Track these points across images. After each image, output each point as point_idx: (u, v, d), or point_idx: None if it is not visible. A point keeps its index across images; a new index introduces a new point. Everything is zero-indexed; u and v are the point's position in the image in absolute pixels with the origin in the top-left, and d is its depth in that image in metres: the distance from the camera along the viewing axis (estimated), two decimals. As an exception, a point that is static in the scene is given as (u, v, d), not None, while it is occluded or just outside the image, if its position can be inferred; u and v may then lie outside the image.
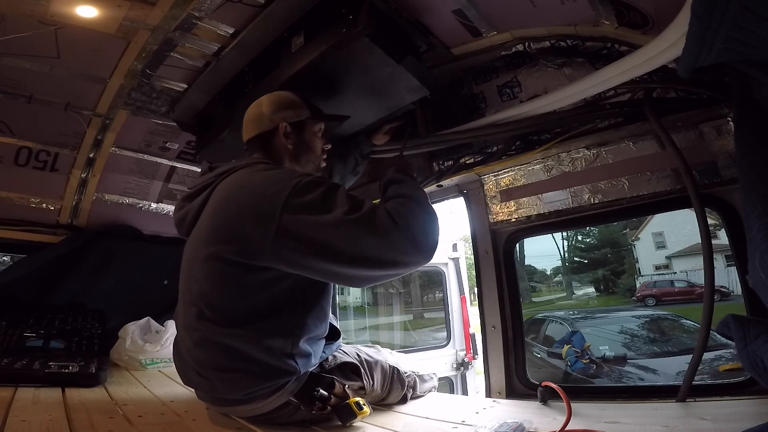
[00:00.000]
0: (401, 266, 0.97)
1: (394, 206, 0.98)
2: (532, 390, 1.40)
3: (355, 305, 5.28)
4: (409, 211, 0.98)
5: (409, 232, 0.94)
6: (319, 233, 0.93)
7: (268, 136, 1.21)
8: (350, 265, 0.94)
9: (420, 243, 0.95)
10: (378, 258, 0.93)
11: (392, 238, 0.93)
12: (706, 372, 1.99)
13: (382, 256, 0.93)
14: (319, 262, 0.95)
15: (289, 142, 1.21)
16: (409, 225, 0.94)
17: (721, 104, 1.22)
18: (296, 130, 1.23)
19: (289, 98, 1.25)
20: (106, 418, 1.12)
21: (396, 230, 0.93)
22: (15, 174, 2.02)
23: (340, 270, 0.96)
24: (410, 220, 0.95)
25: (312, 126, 1.27)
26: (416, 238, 0.95)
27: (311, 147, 1.26)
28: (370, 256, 0.93)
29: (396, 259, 0.94)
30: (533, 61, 1.55)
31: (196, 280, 1.05)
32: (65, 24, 1.47)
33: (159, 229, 2.47)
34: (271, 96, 1.25)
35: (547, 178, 1.59)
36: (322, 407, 1.04)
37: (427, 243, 0.97)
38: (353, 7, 1.19)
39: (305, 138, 1.25)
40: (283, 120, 1.21)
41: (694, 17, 0.73)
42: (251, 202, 0.99)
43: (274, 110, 1.21)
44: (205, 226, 1.06)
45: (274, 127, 1.20)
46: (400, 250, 0.94)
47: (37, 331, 1.85)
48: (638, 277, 6.41)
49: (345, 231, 0.92)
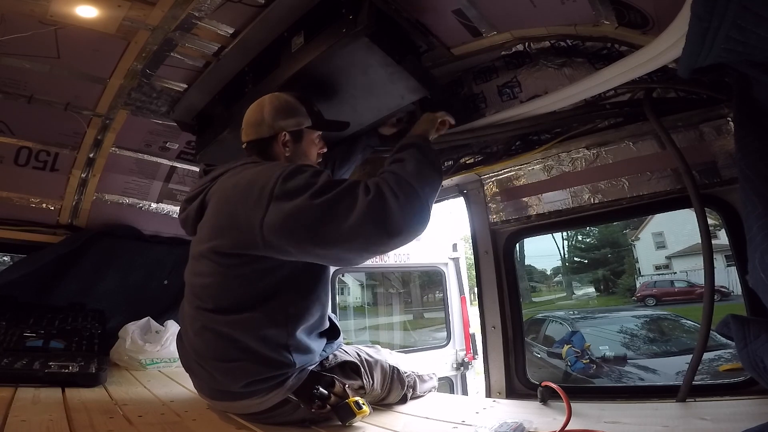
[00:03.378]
0: (380, 243, 0.94)
1: (376, 180, 0.97)
2: (532, 390, 1.40)
3: (355, 305, 5.28)
4: (389, 185, 0.95)
5: (385, 206, 0.91)
6: (300, 216, 0.93)
7: (267, 142, 1.22)
8: (330, 243, 0.93)
9: (399, 219, 0.92)
10: (355, 234, 0.91)
11: (369, 212, 0.90)
12: (706, 372, 1.99)
13: (359, 231, 0.91)
14: (301, 243, 0.95)
15: (287, 150, 1.22)
16: (385, 200, 0.92)
17: (721, 104, 1.22)
18: (295, 138, 1.23)
19: (290, 105, 1.23)
20: (106, 418, 1.12)
21: (372, 204, 0.91)
22: (15, 174, 2.02)
23: (323, 251, 0.95)
24: (387, 194, 0.93)
25: (311, 134, 1.28)
26: (395, 214, 0.91)
27: (308, 154, 1.27)
28: (347, 232, 0.91)
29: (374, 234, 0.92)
30: (533, 61, 1.55)
31: (198, 273, 1.10)
32: (65, 24, 1.47)
33: (159, 229, 2.47)
34: (274, 100, 1.23)
35: (547, 178, 1.59)
36: (322, 406, 1.04)
37: (408, 221, 0.93)
38: (353, 7, 1.19)
39: (303, 146, 1.26)
40: (282, 129, 1.21)
41: (694, 17, 0.73)
42: (242, 194, 1.02)
43: (275, 117, 1.21)
44: (207, 223, 1.11)
45: (273, 134, 1.21)
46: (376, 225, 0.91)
47: (37, 331, 1.85)
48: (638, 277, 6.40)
49: (321, 209, 0.92)
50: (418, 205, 0.96)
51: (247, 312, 1.03)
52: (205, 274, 1.08)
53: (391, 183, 0.96)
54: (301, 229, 0.94)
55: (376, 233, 0.92)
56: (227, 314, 1.04)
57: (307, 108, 1.25)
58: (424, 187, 0.99)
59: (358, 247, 0.94)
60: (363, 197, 0.92)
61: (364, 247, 0.94)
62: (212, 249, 1.06)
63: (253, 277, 1.04)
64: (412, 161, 1.03)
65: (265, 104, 1.23)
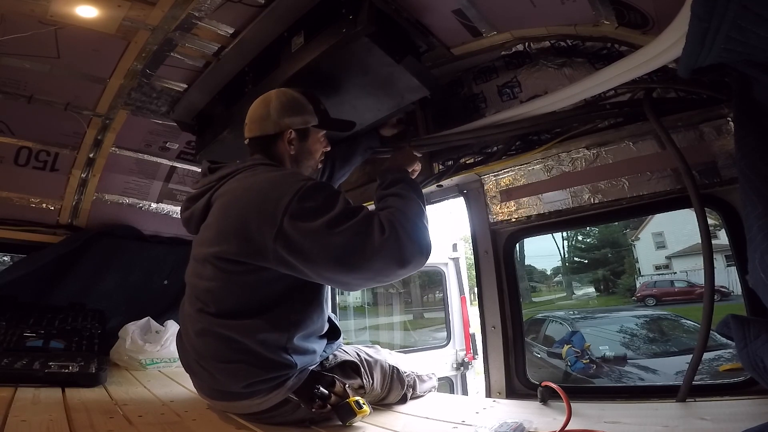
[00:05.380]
0: (391, 274, 1.00)
1: (387, 216, 1.01)
2: (532, 390, 1.40)
3: (355, 305, 5.28)
4: (400, 222, 1.00)
5: (399, 243, 0.97)
6: (316, 239, 0.95)
7: (272, 139, 1.20)
8: (344, 271, 0.97)
9: (410, 254, 0.98)
10: (370, 266, 0.96)
11: (385, 248, 0.96)
12: (706, 372, 1.98)
13: (373, 264, 0.96)
14: (314, 266, 0.97)
15: (292, 148, 1.21)
16: (399, 237, 0.97)
17: (721, 104, 1.22)
18: (300, 136, 1.22)
19: (297, 101, 1.22)
20: (106, 418, 1.12)
21: (388, 241, 0.96)
22: (15, 174, 2.03)
23: (334, 276, 0.99)
24: (400, 232, 0.98)
25: (317, 133, 1.26)
26: (407, 250, 0.98)
27: (312, 153, 1.26)
28: (363, 263, 0.96)
29: (387, 267, 0.98)
30: (533, 61, 1.55)
31: (201, 276, 1.09)
32: (65, 24, 1.47)
33: (159, 229, 2.47)
34: (280, 95, 1.21)
35: (547, 178, 1.59)
36: (322, 405, 1.04)
37: (417, 255, 0.99)
38: (353, 7, 1.19)
39: (308, 144, 1.25)
40: (288, 126, 1.20)
41: (694, 17, 0.73)
42: (255, 204, 1.01)
43: (281, 114, 1.19)
44: (212, 226, 1.09)
45: (278, 131, 1.20)
46: (391, 259, 0.97)
47: (37, 331, 1.85)
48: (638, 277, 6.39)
49: (340, 238, 0.95)
50: (425, 239, 1.03)
51: (249, 318, 1.03)
52: (207, 277, 1.07)
53: (402, 221, 1.01)
54: (317, 254, 0.96)
55: (387, 266, 0.98)
56: (229, 319, 1.03)
57: (314, 106, 1.24)
58: (424, 221, 1.08)
59: (367, 276, 1.00)
60: (379, 235, 0.97)
61: (372, 277, 1.00)
62: (216, 254, 1.04)
63: (257, 285, 1.04)
64: (410, 198, 1.11)
65: (272, 100, 1.21)
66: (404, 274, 1.02)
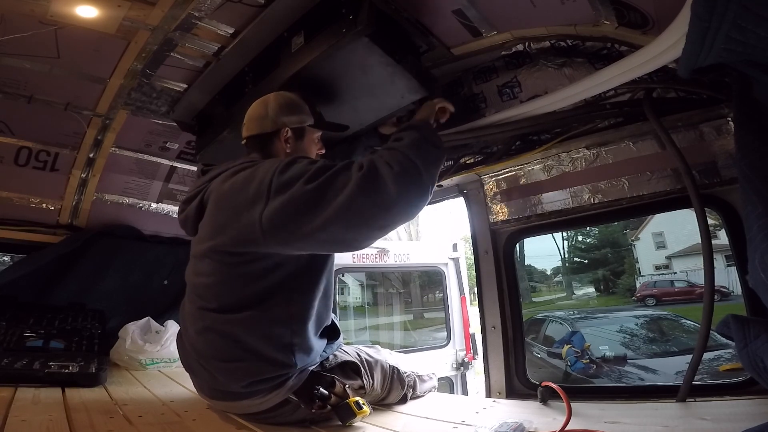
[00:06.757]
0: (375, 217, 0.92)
1: (371, 156, 0.97)
2: (532, 390, 1.40)
3: (355, 305, 5.28)
4: (384, 159, 0.94)
5: (378, 178, 0.91)
6: (295, 203, 0.94)
7: (268, 138, 1.22)
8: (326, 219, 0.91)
9: (393, 192, 0.91)
10: (349, 204, 0.90)
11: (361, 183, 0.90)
12: (706, 372, 1.98)
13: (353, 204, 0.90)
14: (300, 226, 0.93)
15: (288, 146, 1.23)
16: (378, 173, 0.92)
17: (721, 104, 1.22)
18: (296, 136, 1.24)
19: (294, 102, 1.25)
20: (106, 418, 1.12)
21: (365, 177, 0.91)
22: (15, 174, 2.02)
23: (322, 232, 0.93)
24: (381, 169, 0.92)
25: (312, 133, 1.28)
26: (388, 187, 0.91)
27: (308, 152, 1.27)
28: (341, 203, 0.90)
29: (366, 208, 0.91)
30: (533, 61, 1.55)
31: (200, 273, 1.10)
32: (65, 24, 1.47)
33: (159, 229, 2.47)
34: (278, 96, 1.25)
35: (547, 178, 1.59)
36: (322, 406, 1.04)
37: (402, 192, 0.92)
38: (353, 7, 1.19)
39: (304, 144, 1.26)
40: (285, 125, 1.22)
41: (694, 17, 0.73)
42: (242, 191, 1.02)
43: (278, 113, 1.22)
44: (208, 222, 1.11)
45: (275, 129, 1.21)
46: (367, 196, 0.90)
47: (37, 331, 1.85)
48: (638, 277, 6.39)
49: (315, 184, 0.93)
50: (415, 175, 0.94)
51: (249, 310, 1.03)
52: (206, 273, 1.08)
53: (385, 156, 0.96)
54: (297, 214, 0.93)
55: (369, 205, 0.90)
56: (230, 313, 1.04)
57: (310, 107, 1.27)
58: (420, 158, 0.97)
59: (357, 223, 0.92)
60: (356, 173, 0.92)
61: (362, 222, 0.93)
62: (213, 248, 1.06)
63: (256, 275, 1.04)
64: (408, 139, 1.03)
65: (270, 100, 1.24)
66: (395, 215, 0.93)
